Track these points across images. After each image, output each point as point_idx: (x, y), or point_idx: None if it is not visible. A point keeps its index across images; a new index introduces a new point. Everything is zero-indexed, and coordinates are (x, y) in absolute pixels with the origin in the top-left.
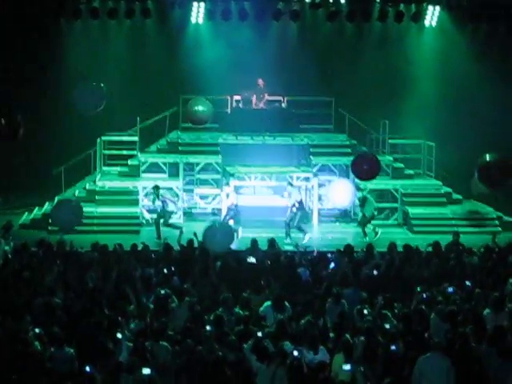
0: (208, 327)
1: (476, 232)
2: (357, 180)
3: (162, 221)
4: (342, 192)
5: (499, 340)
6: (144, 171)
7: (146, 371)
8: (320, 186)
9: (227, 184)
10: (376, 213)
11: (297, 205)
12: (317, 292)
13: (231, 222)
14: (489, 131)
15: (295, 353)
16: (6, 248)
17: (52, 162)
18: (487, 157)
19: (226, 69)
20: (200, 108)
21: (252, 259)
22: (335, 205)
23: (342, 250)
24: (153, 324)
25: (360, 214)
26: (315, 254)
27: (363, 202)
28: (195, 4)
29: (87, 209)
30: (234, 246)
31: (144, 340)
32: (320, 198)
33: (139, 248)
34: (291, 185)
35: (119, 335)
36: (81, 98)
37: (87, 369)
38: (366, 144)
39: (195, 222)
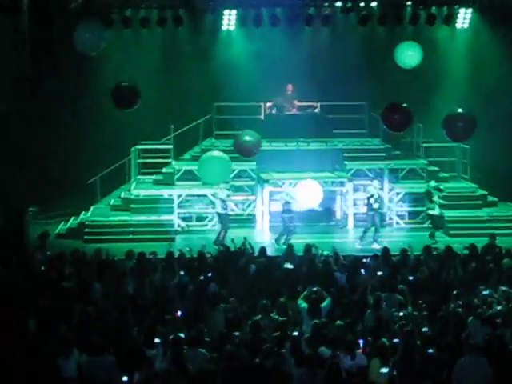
0: (237, 333)
1: None
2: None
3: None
4: (309, 192)
5: None
6: (178, 179)
7: None
8: (355, 190)
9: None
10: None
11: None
12: (354, 297)
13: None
14: None
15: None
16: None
17: (87, 172)
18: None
19: (259, 75)
20: (248, 138)
21: (289, 265)
22: (304, 206)
23: (378, 254)
24: (189, 331)
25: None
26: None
27: (429, 196)
28: (227, 11)
29: (123, 217)
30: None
31: (181, 347)
32: (355, 203)
33: (175, 255)
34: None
35: (157, 340)
36: (81, 38)
37: (124, 378)
38: (400, 148)
39: (230, 229)
